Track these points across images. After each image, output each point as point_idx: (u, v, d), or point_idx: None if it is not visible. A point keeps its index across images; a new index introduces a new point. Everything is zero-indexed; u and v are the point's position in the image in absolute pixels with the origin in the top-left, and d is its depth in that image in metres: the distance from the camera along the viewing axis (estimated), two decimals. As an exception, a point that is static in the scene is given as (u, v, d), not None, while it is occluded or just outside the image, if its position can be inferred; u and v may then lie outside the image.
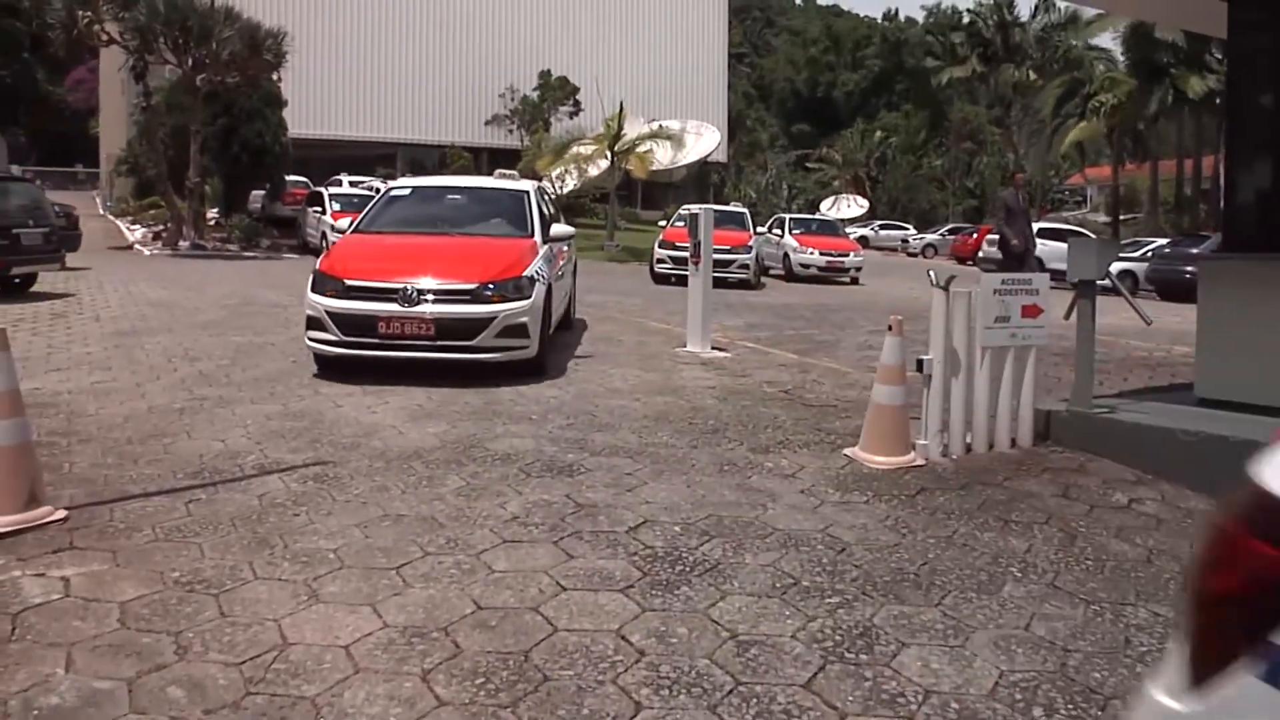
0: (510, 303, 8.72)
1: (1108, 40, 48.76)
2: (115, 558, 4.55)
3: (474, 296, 8.71)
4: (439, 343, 8.61)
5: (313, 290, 8.90)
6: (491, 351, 8.71)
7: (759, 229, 26.87)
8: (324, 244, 25.10)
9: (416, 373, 8.75)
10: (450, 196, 11.61)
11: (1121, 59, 48.36)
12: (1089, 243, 7.57)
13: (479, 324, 8.64)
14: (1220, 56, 40.69)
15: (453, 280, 8.79)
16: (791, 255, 27.14)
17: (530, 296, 8.89)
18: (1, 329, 5.05)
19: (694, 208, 15.42)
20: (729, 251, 21.72)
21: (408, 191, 11.72)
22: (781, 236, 28.07)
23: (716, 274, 20.91)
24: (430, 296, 8.65)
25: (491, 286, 8.76)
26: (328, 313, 8.70)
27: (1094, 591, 4.48)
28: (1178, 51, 42.14)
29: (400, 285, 8.64)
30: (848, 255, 27.35)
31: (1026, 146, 57.52)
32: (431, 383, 8.61)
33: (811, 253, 27.00)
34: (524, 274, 9.03)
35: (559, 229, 10.93)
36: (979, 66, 55.24)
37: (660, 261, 23.70)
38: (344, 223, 20.78)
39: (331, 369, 8.99)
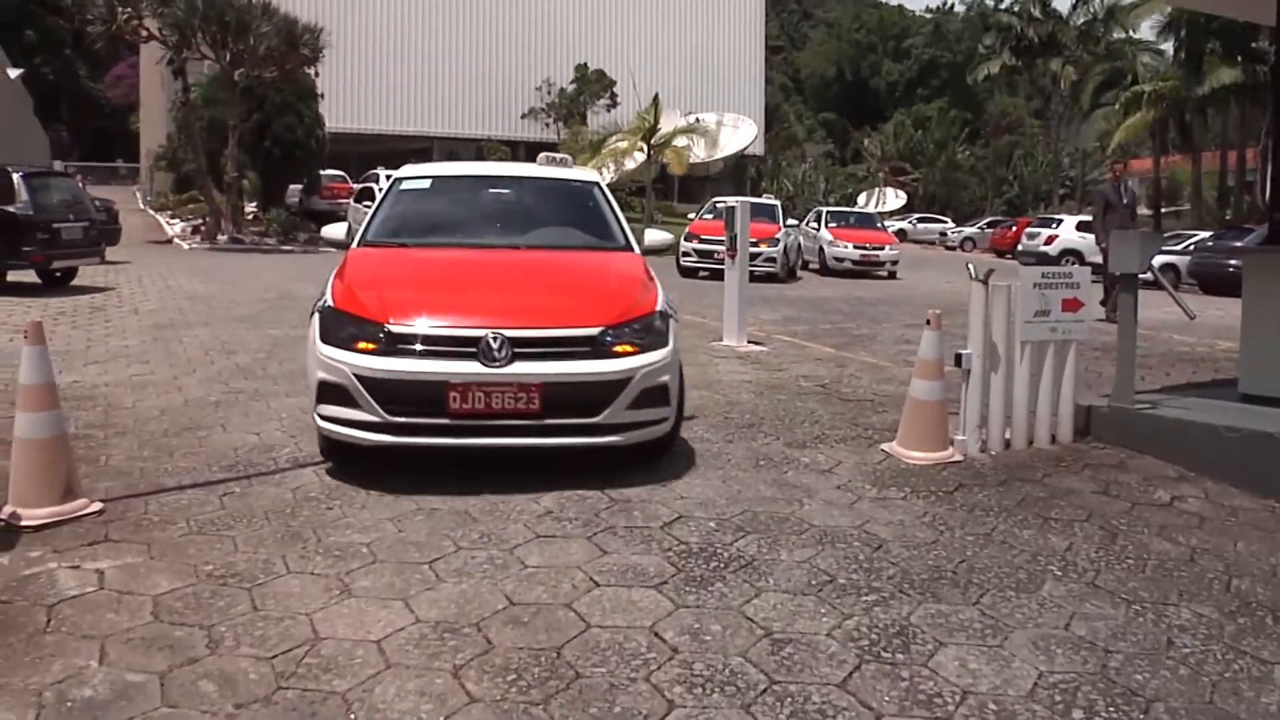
0: (646, 354, 5.69)
1: (1147, 29, 48.08)
2: (149, 550, 4.57)
3: (595, 347, 5.62)
4: (547, 422, 5.47)
5: (325, 340, 5.64)
6: (621, 432, 5.64)
7: (789, 221, 26.61)
8: None
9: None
10: (494, 191, 7.95)
11: (1168, 48, 47.69)
12: (1131, 235, 7.44)
13: (609, 389, 5.55)
14: (1268, 45, 40.01)
15: (560, 323, 5.67)
16: (826, 249, 26.94)
17: (668, 342, 5.90)
18: (37, 322, 5.09)
19: (729, 200, 15.23)
20: (754, 244, 21.27)
21: (426, 184, 7.82)
22: (818, 229, 27.88)
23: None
24: (528, 349, 5.49)
25: (616, 331, 5.70)
26: (359, 377, 5.41)
27: (1135, 591, 4.40)
28: (1223, 39, 41.47)
29: (479, 331, 5.45)
30: (883, 249, 27.01)
31: (1066, 139, 56.91)
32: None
33: (845, 246, 26.70)
34: (658, 308, 6.04)
35: (655, 236, 7.75)
36: (1013, 60, 54.51)
37: (685, 255, 23.09)
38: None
39: (353, 462, 5.87)
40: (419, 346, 5.49)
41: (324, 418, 5.67)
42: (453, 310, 5.70)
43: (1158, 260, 21.04)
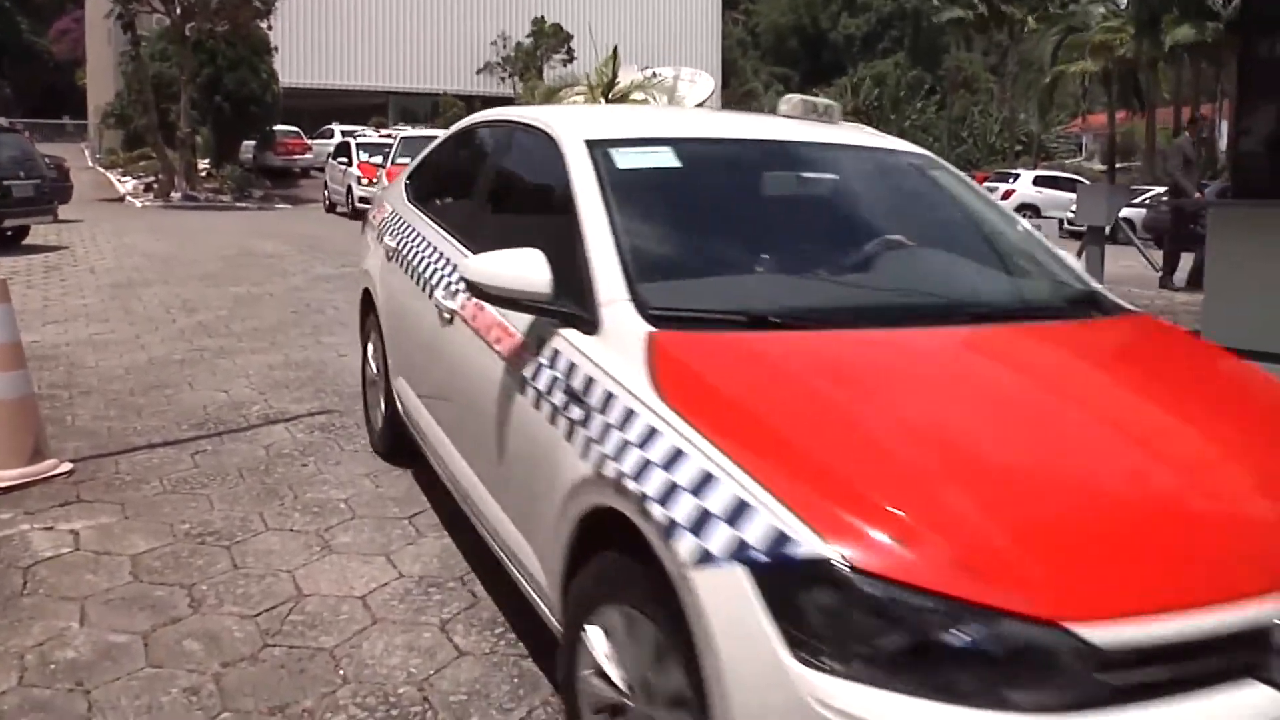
0: None
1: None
2: (123, 510, 4.52)
3: None
4: None
5: (822, 658, 1.86)
6: None
7: None
8: (349, 202, 23.45)
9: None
10: (803, 178, 3.94)
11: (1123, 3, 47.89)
12: (1098, 189, 7.51)
13: None
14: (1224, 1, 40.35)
15: None
16: None
17: None
18: (1, 280, 4.99)
19: None
20: None
21: (667, 158, 3.54)
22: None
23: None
24: None
25: None
26: None
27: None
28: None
29: None
30: None
31: (1024, 97, 57.15)
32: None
33: None
34: None
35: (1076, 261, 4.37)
36: (983, 7, 54.23)
37: None
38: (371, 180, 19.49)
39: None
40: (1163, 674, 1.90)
41: None
42: (1184, 560, 2.06)
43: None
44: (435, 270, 3.97)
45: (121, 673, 3.17)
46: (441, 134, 5.54)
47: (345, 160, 24.81)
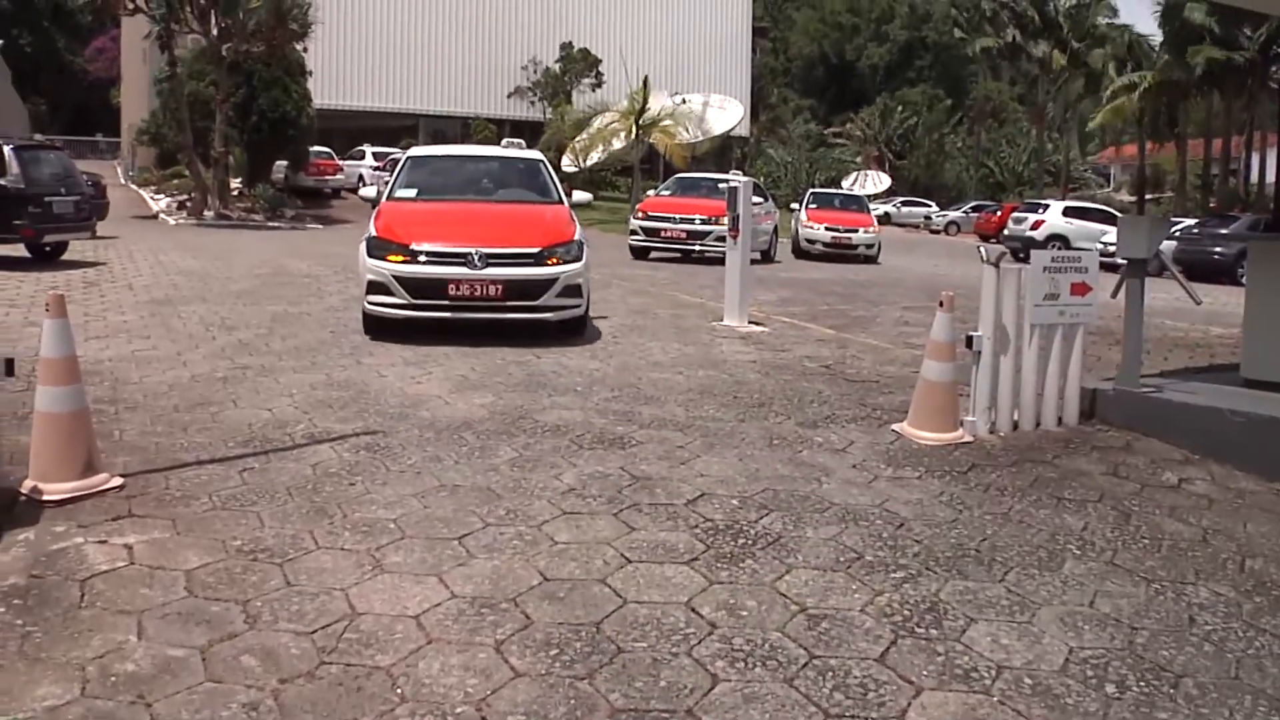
0: None
1: (1146, 16, 48.27)
2: (175, 525, 4.56)
3: None
4: None
5: None
6: None
7: (754, 199, 25.98)
8: None
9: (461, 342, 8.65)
10: None
11: (1158, 33, 47.77)
12: (1140, 220, 7.49)
13: None
14: (1251, 34, 40.26)
15: None
16: (800, 230, 25.96)
17: None
18: (60, 295, 5.07)
19: (731, 178, 14.68)
20: (705, 222, 19.82)
21: None
22: (798, 210, 27.23)
23: (684, 247, 20.39)
24: None
25: None
26: None
27: (1153, 570, 4.46)
28: (1210, 30, 41.56)
29: None
30: (856, 231, 25.28)
31: (1058, 126, 57.08)
32: (475, 356, 8.62)
33: (817, 228, 25.38)
34: None
35: None
36: (1016, 36, 54.13)
37: (633, 233, 21.40)
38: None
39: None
40: None
41: None
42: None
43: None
44: None
45: (181, 687, 3.21)
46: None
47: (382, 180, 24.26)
